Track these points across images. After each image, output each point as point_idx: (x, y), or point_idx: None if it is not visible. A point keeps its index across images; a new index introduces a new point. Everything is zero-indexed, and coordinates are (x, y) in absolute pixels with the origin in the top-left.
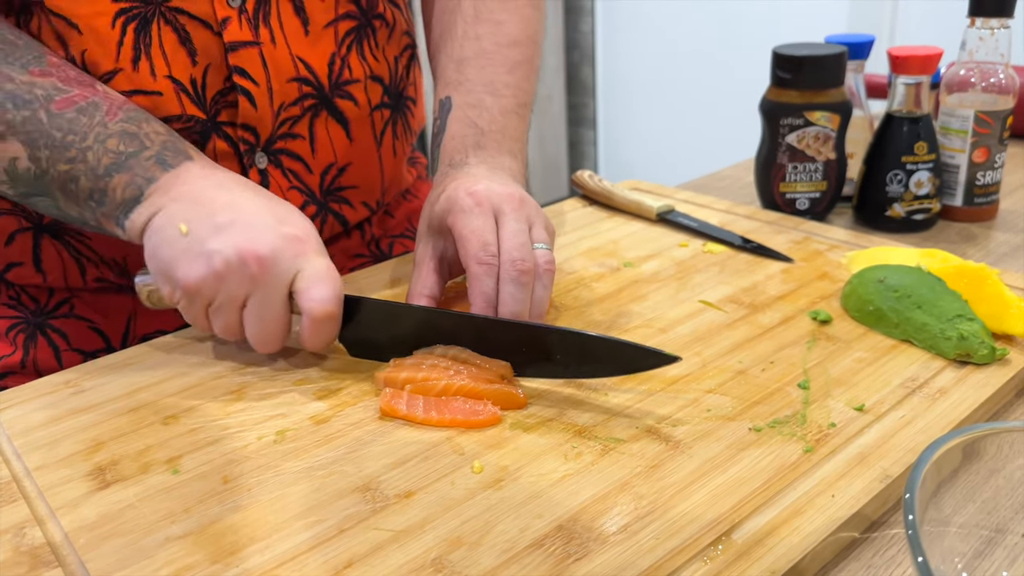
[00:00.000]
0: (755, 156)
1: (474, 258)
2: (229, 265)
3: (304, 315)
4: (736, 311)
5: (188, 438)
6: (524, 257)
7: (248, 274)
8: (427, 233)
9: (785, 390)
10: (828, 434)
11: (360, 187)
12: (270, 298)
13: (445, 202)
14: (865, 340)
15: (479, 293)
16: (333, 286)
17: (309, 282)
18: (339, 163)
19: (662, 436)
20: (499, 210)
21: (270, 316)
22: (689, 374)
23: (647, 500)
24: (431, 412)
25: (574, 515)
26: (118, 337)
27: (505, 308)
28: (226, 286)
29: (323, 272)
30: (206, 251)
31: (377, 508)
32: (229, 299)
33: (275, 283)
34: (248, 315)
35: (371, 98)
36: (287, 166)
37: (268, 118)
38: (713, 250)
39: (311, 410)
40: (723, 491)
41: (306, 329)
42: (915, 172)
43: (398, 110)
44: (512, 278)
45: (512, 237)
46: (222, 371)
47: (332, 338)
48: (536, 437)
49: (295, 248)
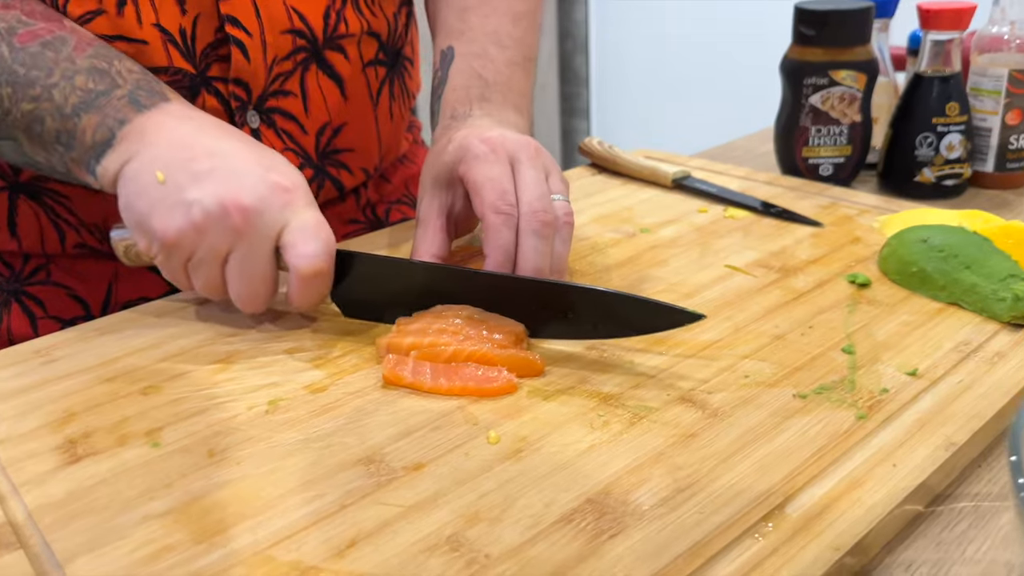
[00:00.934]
0: (775, 120)
1: (492, 208)
2: (209, 216)
3: (291, 272)
4: (766, 275)
5: (170, 409)
6: (545, 208)
7: (230, 226)
8: (433, 187)
9: (828, 355)
10: (881, 400)
11: (357, 150)
12: (254, 253)
13: (456, 151)
14: (909, 303)
15: (497, 246)
16: (323, 240)
17: (297, 236)
18: (334, 123)
19: (697, 403)
20: (515, 158)
21: (255, 272)
22: (721, 339)
23: (686, 472)
24: (440, 380)
25: (605, 488)
26: (98, 304)
27: (526, 262)
28: (207, 239)
29: (312, 225)
30: (185, 201)
31: (383, 481)
32: (210, 253)
33: (260, 236)
34: (231, 271)
35: (364, 53)
36: (281, 126)
37: (261, 72)
38: (735, 215)
39: (307, 379)
40: (771, 461)
41: (294, 287)
42: (946, 134)
43: (394, 69)
44: (533, 230)
45: (531, 186)
46: (208, 338)
47: (322, 297)
48: (557, 406)
49: (282, 198)
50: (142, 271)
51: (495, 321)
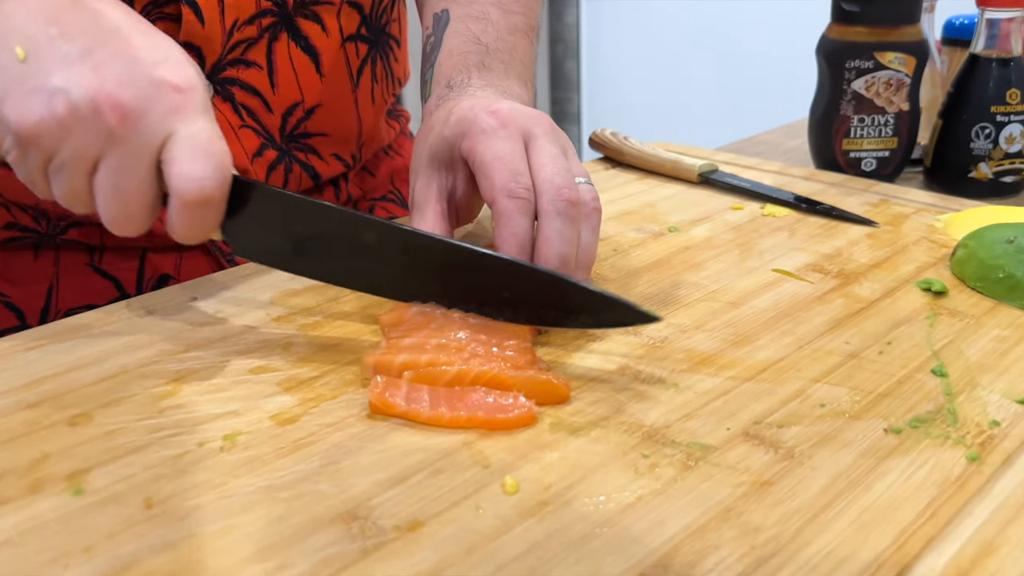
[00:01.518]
0: (810, 110)
1: (503, 190)
2: (76, 112)
3: (171, 194)
4: (823, 282)
5: (101, 444)
6: (568, 185)
7: (102, 128)
8: (429, 167)
9: (916, 378)
10: (993, 436)
11: (332, 135)
12: (130, 164)
13: (458, 125)
14: (998, 315)
15: (510, 235)
16: (216, 159)
17: (183, 150)
18: (306, 103)
19: (767, 441)
20: (529, 133)
21: (128, 188)
22: (784, 358)
23: (766, 535)
24: (440, 408)
25: (662, 558)
26: (35, 312)
27: (549, 249)
28: (71, 139)
29: (203, 139)
30: (47, 88)
31: (369, 547)
32: (74, 157)
33: (138, 145)
34: (100, 182)
35: (343, 25)
36: (240, 100)
37: (217, 36)
38: (775, 213)
39: (274, 406)
40: (873, 519)
41: (174, 212)
42: (1006, 124)
43: (378, 47)
44: (557, 210)
45: (551, 163)
46: (156, 354)
47: (209, 229)
48: (589, 443)
49: (170, 100)
50: (87, 272)
51: (499, 334)
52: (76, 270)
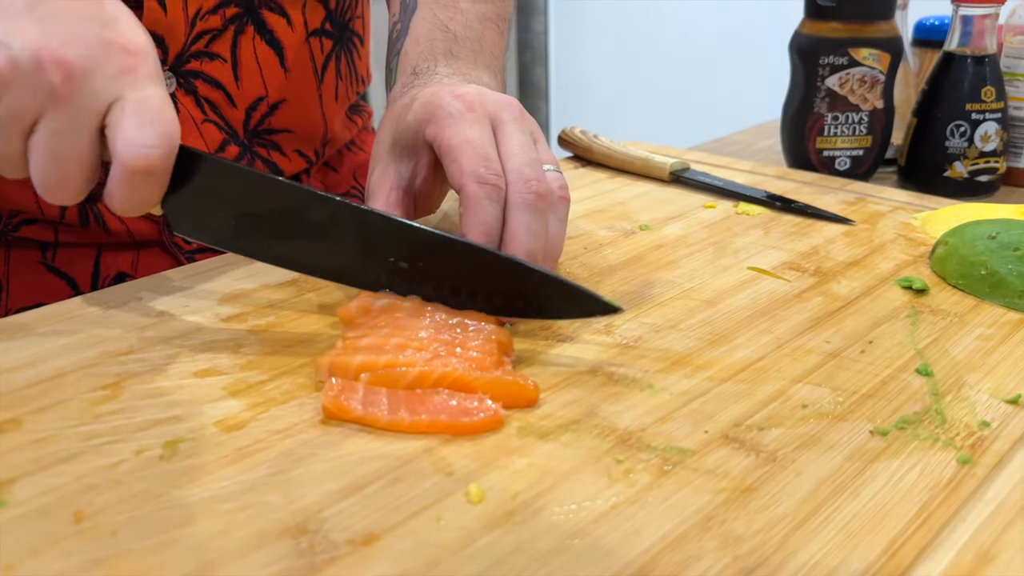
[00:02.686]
0: (783, 108)
1: (472, 176)
2: (17, 66)
3: (114, 161)
4: (800, 280)
5: (29, 452)
6: (537, 176)
7: (44, 85)
8: (389, 155)
9: (901, 377)
10: (983, 437)
11: (296, 132)
12: (72, 127)
13: (422, 109)
14: (981, 312)
15: (479, 223)
16: (163, 127)
17: (129, 116)
18: (270, 98)
19: (747, 444)
20: (497, 118)
21: (68, 152)
22: (763, 358)
23: (749, 544)
24: (400, 412)
25: (640, 569)
26: None
27: (516, 243)
28: (9, 95)
29: (152, 105)
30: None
31: (318, 563)
32: (10, 115)
33: (81, 107)
34: (37, 144)
35: (309, 20)
36: (203, 94)
37: (180, 27)
38: (749, 211)
39: (219, 411)
40: (862, 527)
41: (114, 181)
42: (981, 123)
43: (342, 43)
44: (526, 203)
45: (519, 151)
46: (95, 357)
47: (150, 201)
48: (559, 447)
49: (120, 63)
50: (39, 271)
51: (467, 330)
52: (28, 268)
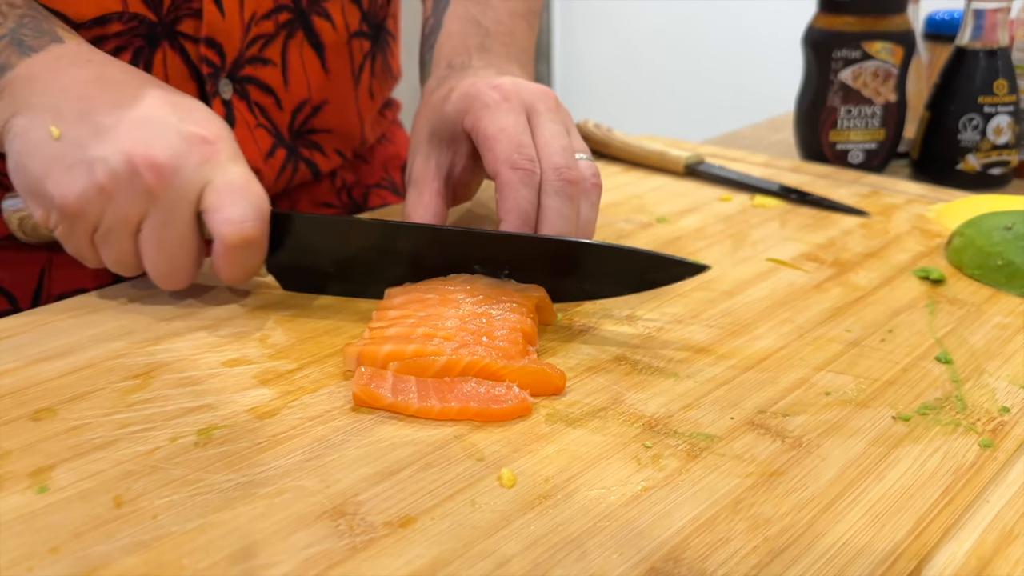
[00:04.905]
0: (796, 102)
1: (507, 162)
2: (116, 176)
3: (216, 240)
4: (819, 271)
5: (67, 440)
6: (569, 164)
7: (141, 187)
8: (429, 143)
9: (921, 365)
10: (1004, 422)
11: (335, 131)
12: (172, 218)
13: (460, 100)
14: (998, 302)
15: (514, 207)
16: (252, 201)
17: (221, 197)
18: (313, 100)
19: (772, 430)
20: (532, 108)
21: (173, 241)
22: (785, 347)
23: (778, 526)
24: (430, 399)
25: (671, 551)
26: (28, 296)
27: (549, 228)
28: (114, 204)
29: (238, 183)
30: (85, 159)
31: (359, 544)
32: (119, 221)
33: (177, 198)
34: (145, 241)
35: (349, 22)
36: (255, 99)
37: (237, 32)
38: (765, 204)
39: (251, 399)
40: (888, 508)
41: (220, 257)
42: (994, 116)
43: (377, 44)
44: (557, 189)
45: (553, 140)
46: (123, 348)
47: (255, 268)
48: (588, 434)
49: (201, 152)
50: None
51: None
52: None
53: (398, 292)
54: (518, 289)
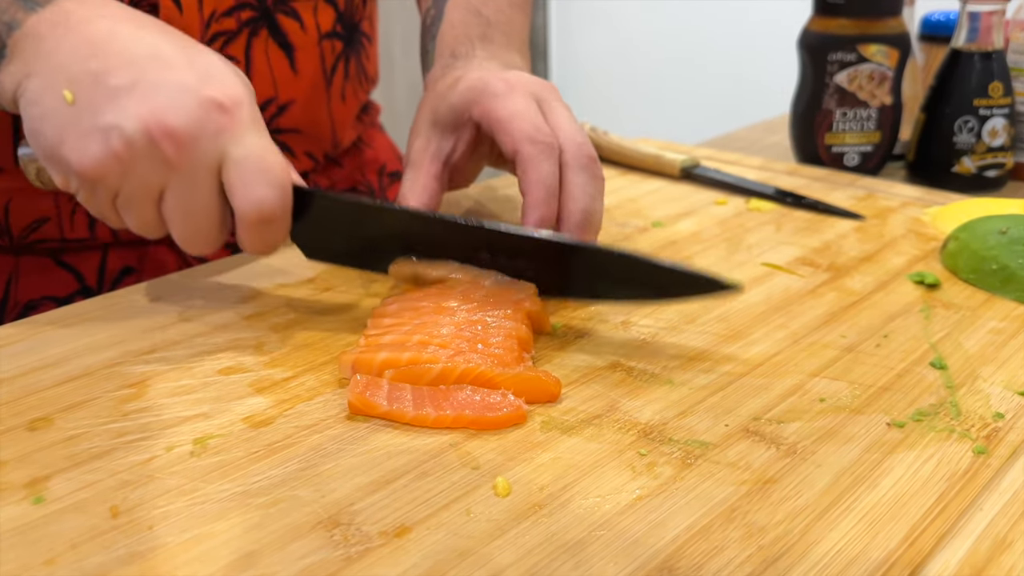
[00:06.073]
0: (792, 104)
1: (527, 139)
2: (132, 146)
3: (237, 217)
4: (814, 275)
5: (62, 450)
6: (587, 142)
7: (160, 157)
8: (431, 129)
9: (915, 371)
10: (998, 428)
11: (304, 132)
12: (194, 188)
13: (468, 91)
14: (993, 307)
15: (537, 180)
16: (272, 178)
17: (240, 174)
18: (280, 99)
19: (767, 437)
20: (540, 97)
21: (197, 211)
22: (779, 353)
23: (772, 534)
24: (425, 408)
25: (667, 559)
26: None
27: (575, 202)
28: (134, 173)
29: (257, 158)
30: (100, 126)
31: (354, 554)
32: (140, 188)
33: (196, 169)
34: (169, 209)
35: (320, 23)
36: None
37: (196, 28)
38: (761, 207)
39: (246, 408)
40: (882, 516)
41: (242, 233)
42: (989, 118)
43: (351, 45)
44: (583, 165)
45: (567, 122)
46: (118, 356)
47: (278, 241)
48: (583, 442)
49: (218, 122)
50: (47, 265)
51: (488, 327)
52: (35, 265)
53: (393, 299)
54: (514, 299)
